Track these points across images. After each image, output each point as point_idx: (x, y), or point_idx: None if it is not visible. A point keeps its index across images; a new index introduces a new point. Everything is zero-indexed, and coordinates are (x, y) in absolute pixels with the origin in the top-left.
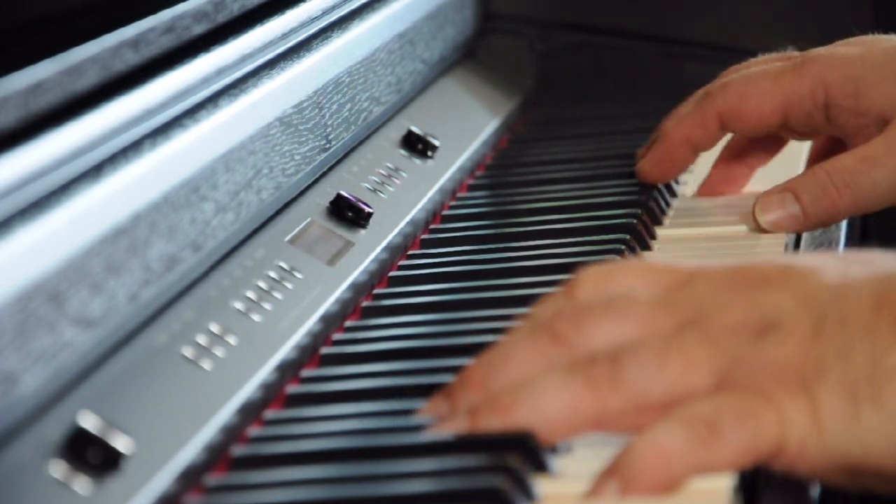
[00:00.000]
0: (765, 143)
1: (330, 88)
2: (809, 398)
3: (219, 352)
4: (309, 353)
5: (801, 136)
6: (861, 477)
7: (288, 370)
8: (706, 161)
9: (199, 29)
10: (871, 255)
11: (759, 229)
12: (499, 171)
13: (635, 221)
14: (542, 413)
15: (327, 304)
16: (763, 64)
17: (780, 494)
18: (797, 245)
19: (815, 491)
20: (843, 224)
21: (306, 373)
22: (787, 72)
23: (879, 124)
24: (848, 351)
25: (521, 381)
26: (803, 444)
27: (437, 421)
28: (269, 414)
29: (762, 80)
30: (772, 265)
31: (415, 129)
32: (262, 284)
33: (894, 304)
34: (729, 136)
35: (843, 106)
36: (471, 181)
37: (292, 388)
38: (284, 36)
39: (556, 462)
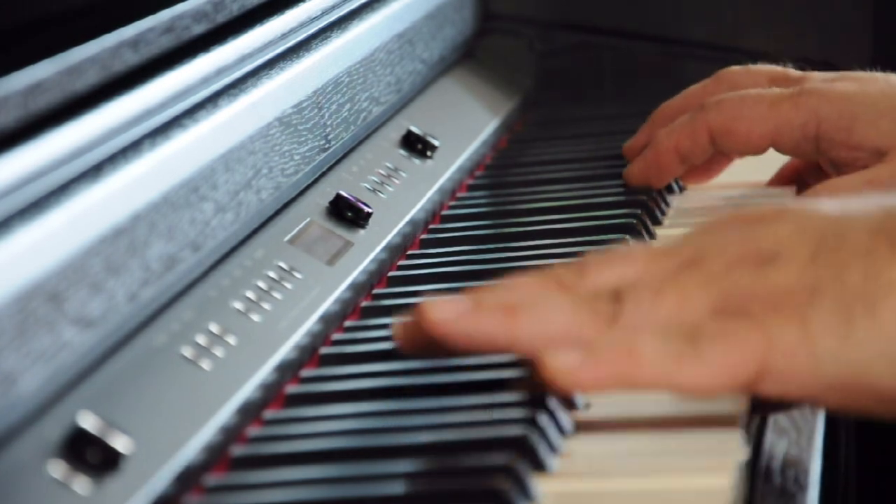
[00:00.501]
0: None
1: (329, 88)
2: (801, 320)
3: (218, 352)
4: (308, 353)
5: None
6: (856, 396)
7: (287, 370)
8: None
9: (198, 29)
10: (867, 195)
11: None
12: (498, 171)
13: (635, 221)
14: (544, 325)
15: (327, 304)
16: (762, 75)
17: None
18: None
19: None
20: None
21: (306, 373)
22: (784, 100)
23: (874, 157)
24: (843, 271)
25: (528, 297)
26: (793, 362)
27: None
28: (269, 414)
29: (758, 104)
30: (769, 207)
31: (414, 129)
32: (261, 284)
33: (892, 228)
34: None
35: (836, 139)
36: (470, 181)
37: (292, 388)
38: (284, 36)
39: (556, 462)
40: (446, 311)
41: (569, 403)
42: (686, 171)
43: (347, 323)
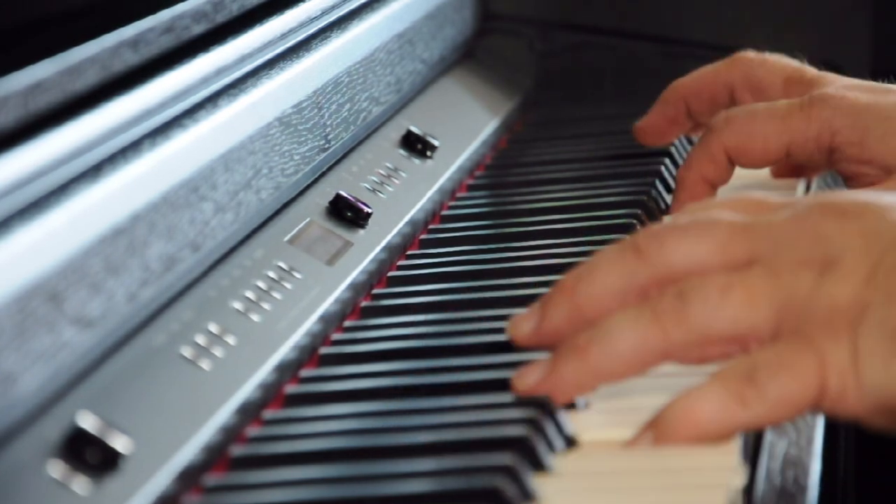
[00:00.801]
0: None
1: (329, 88)
2: (852, 341)
3: (218, 352)
4: (308, 353)
5: (798, 170)
6: None
7: (287, 370)
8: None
9: (198, 29)
10: None
11: None
12: (498, 171)
13: (635, 221)
14: (615, 351)
15: (326, 304)
16: (777, 72)
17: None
18: None
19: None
20: None
21: (305, 373)
22: (795, 112)
23: (882, 173)
24: (894, 294)
25: (606, 299)
26: (843, 385)
27: (530, 334)
28: (268, 414)
29: (769, 119)
30: (852, 199)
31: (414, 129)
32: (261, 284)
33: None
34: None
35: (848, 153)
36: (470, 181)
37: (291, 388)
38: (284, 36)
39: (556, 462)
40: (530, 380)
41: (569, 404)
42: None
43: (347, 323)
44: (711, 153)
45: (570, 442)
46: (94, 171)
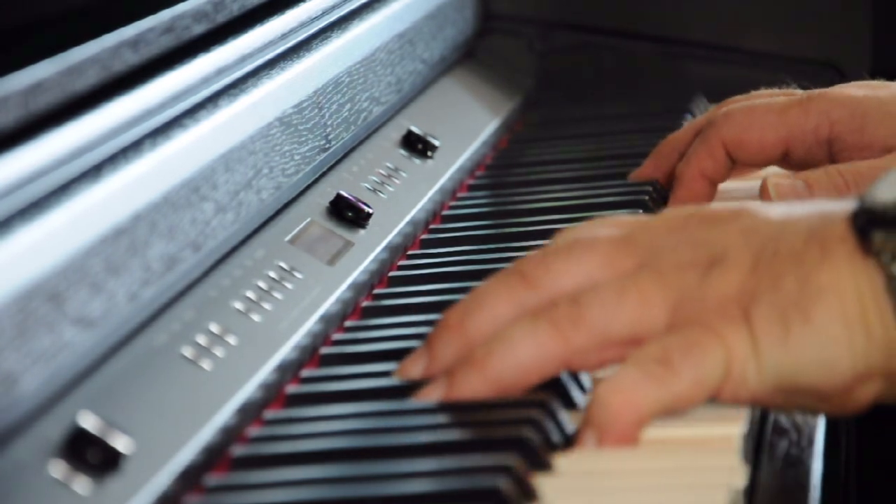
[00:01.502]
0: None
1: (330, 88)
2: (747, 325)
3: (219, 352)
4: (309, 353)
5: (797, 168)
6: (796, 396)
7: (288, 370)
8: None
9: (198, 29)
10: (819, 201)
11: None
12: (499, 171)
13: None
14: (515, 360)
15: (327, 304)
16: (766, 97)
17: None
18: None
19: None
20: None
21: (306, 373)
22: (793, 106)
23: (884, 154)
24: (778, 278)
25: (497, 328)
26: (744, 369)
27: (419, 375)
28: (269, 414)
29: (767, 112)
30: (727, 208)
31: (415, 129)
32: (261, 284)
33: (823, 234)
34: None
35: (848, 141)
36: (471, 181)
37: (292, 388)
38: (284, 36)
39: (556, 461)
40: (431, 396)
41: (569, 403)
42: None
43: (348, 323)
44: (710, 148)
45: (571, 441)
46: (95, 171)
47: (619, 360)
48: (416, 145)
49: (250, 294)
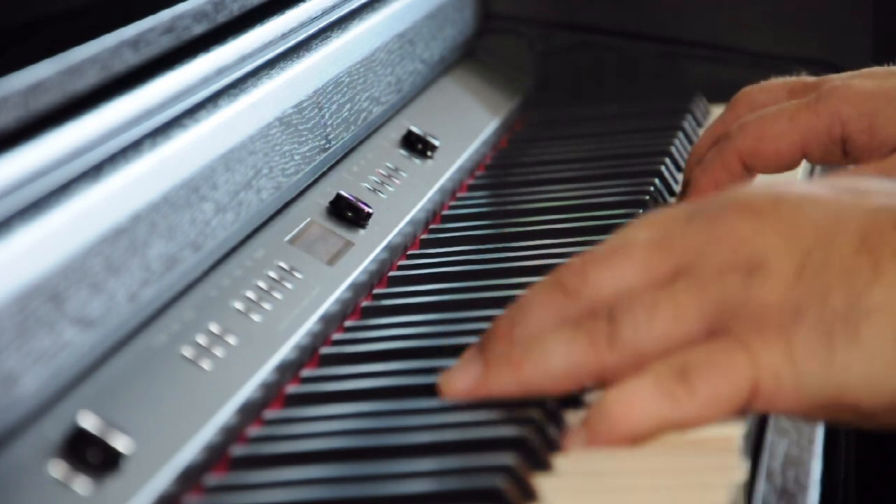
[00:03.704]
0: None
1: (330, 88)
2: (785, 341)
3: (218, 352)
4: (309, 353)
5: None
6: (839, 412)
7: (288, 370)
8: None
9: (198, 29)
10: (865, 181)
11: None
12: (499, 171)
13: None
14: (548, 368)
15: (327, 304)
16: (780, 88)
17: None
18: None
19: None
20: None
21: (306, 373)
22: (803, 109)
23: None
24: (826, 293)
25: (532, 338)
26: (779, 383)
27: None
28: (269, 414)
29: (778, 120)
30: (763, 196)
31: (415, 129)
32: (261, 284)
33: (876, 244)
34: None
35: (858, 141)
36: (471, 181)
37: (292, 388)
38: (284, 36)
39: (556, 461)
40: (460, 384)
41: (570, 403)
42: None
43: (348, 323)
44: (725, 160)
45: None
46: (95, 171)
47: None
48: (416, 145)
49: (250, 294)
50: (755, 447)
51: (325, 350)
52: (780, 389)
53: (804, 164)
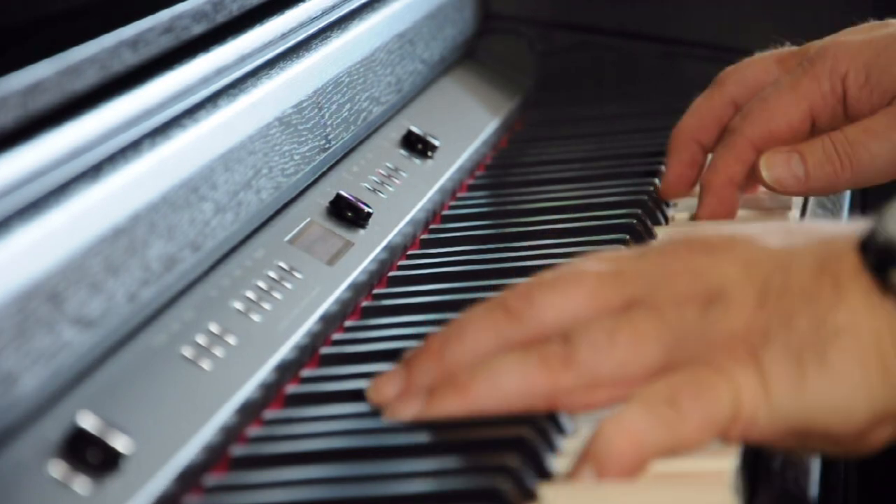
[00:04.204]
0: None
1: (329, 88)
2: (757, 365)
3: (218, 352)
4: (308, 353)
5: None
6: (810, 439)
7: (287, 370)
8: None
9: (198, 29)
10: (813, 224)
11: (765, 185)
12: (499, 171)
13: (635, 221)
14: (499, 392)
15: (327, 304)
16: (767, 58)
17: (780, 487)
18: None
19: (813, 489)
20: (846, 204)
21: (306, 373)
22: (802, 77)
23: (892, 104)
24: (791, 317)
25: (477, 360)
26: (754, 411)
27: (394, 397)
28: (269, 414)
29: (782, 94)
30: (716, 234)
31: (415, 129)
32: (261, 284)
33: (834, 268)
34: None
35: (858, 96)
36: (471, 181)
37: (292, 388)
38: (284, 36)
39: (556, 462)
40: (406, 411)
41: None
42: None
43: (348, 323)
44: (737, 153)
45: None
46: (94, 171)
47: (609, 402)
48: (416, 145)
49: (250, 294)
50: (755, 448)
51: (325, 350)
52: (755, 415)
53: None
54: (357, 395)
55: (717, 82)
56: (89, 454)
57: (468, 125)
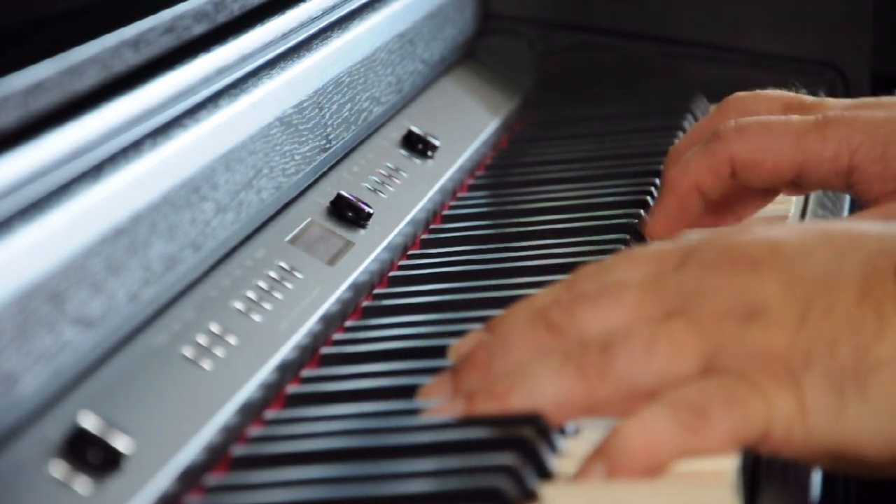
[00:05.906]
0: (761, 192)
1: (330, 88)
2: (796, 388)
3: (219, 352)
4: (309, 353)
5: (805, 193)
6: (844, 463)
7: (288, 370)
8: None
9: (199, 29)
10: (858, 225)
11: None
12: (499, 171)
13: (635, 221)
14: (535, 399)
15: (327, 304)
16: (774, 101)
17: (781, 486)
18: None
19: (815, 489)
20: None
21: (306, 373)
22: (810, 130)
23: None
24: (834, 343)
25: (517, 367)
26: (789, 431)
27: (438, 402)
28: (270, 414)
29: (784, 134)
30: (760, 245)
31: (415, 129)
32: (262, 284)
33: (878, 293)
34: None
35: (870, 172)
36: (471, 181)
37: (292, 388)
38: (284, 36)
39: (557, 462)
40: (444, 414)
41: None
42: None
43: (348, 323)
44: (715, 163)
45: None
46: (95, 171)
47: None
48: (417, 145)
49: (250, 294)
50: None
51: (325, 350)
52: (790, 436)
53: (796, 199)
54: (357, 395)
55: (722, 107)
56: (90, 454)
57: (468, 125)
